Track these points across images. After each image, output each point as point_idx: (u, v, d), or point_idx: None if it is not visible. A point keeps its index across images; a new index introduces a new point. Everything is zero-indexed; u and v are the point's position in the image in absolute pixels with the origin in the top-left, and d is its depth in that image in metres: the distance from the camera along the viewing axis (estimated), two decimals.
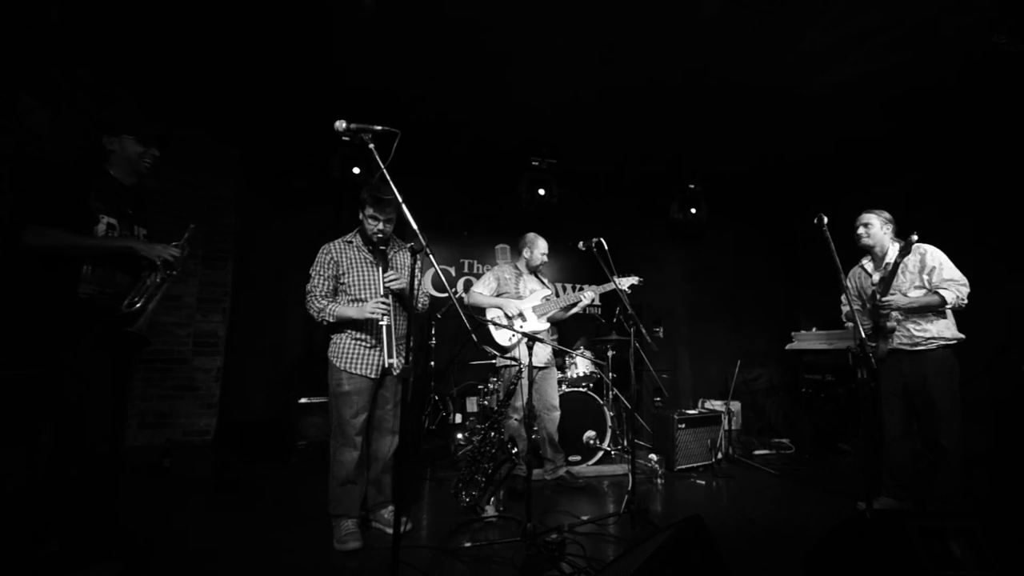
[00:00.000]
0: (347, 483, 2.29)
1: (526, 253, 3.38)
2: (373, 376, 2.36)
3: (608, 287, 3.14)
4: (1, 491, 2.21)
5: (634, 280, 3.28)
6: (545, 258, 3.37)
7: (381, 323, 2.26)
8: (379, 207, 2.35)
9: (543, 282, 3.43)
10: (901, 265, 2.64)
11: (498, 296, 3.28)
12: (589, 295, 3.29)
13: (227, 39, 3.12)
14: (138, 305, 1.98)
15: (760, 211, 5.92)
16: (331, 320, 2.30)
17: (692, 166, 4.95)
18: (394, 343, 2.30)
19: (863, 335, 2.16)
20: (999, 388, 3.61)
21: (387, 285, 2.32)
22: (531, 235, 3.39)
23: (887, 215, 2.82)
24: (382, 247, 2.45)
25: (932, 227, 2.68)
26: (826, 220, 2.19)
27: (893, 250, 2.75)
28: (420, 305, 2.49)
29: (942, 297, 2.57)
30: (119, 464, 2.13)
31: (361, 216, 2.43)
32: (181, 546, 2.26)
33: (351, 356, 2.33)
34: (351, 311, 2.31)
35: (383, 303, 2.26)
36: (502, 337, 3.16)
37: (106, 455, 1.96)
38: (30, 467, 2.39)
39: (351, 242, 2.44)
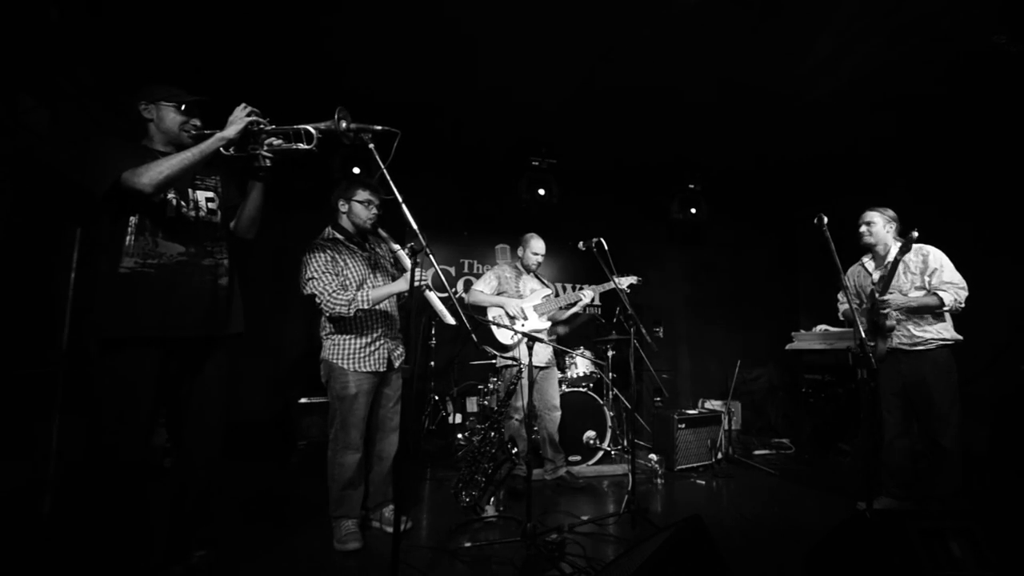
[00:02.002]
0: (349, 486, 2.29)
1: (519, 252, 3.39)
2: (382, 369, 2.35)
3: (608, 286, 3.13)
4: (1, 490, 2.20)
5: (633, 279, 3.27)
6: (538, 258, 3.33)
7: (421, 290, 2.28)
8: (374, 191, 2.35)
9: (543, 282, 3.44)
10: (902, 264, 2.64)
11: (498, 295, 3.28)
12: (589, 294, 3.30)
13: (227, 38, 3.12)
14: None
15: (760, 211, 5.92)
16: (366, 307, 2.23)
17: (692, 166, 4.95)
18: (442, 306, 2.35)
19: (863, 335, 2.16)
20: (999, 388, 3.60)
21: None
22: (527, 235, 3.38)
23: (891, 213, 2.81)
24: (365, 240, 2.45)
25: (931, 227, 2.68)
26: (826, 220, 2.18)
27: (895, 249, 2.74)
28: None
29: (940, 299, 2.57)
30: (202, 479, 1.90)
31: (345, 207, 2.39)
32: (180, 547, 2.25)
33: (359, 355, 2.30)
34: (392, 287, 2.29)
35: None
36: (504, 336, 3.16)
37: (133, 463, 1.73)
38: (37, 468, 2.38)
39: (336, 239, 2.37)
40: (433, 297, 2.43)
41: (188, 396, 1.87)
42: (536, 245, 3.33)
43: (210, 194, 1.93)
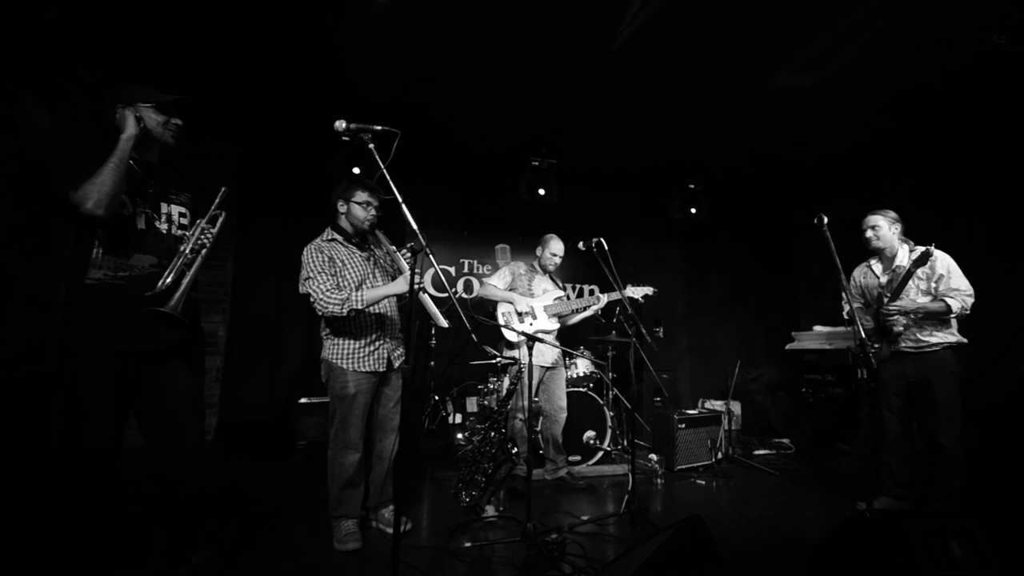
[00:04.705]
0: (349, 486, 2.29)
1: (538, 251, 3.38)
2: (382, 369, 2.35)
3: (621, 295, 3.03)
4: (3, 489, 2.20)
5: (648, 290, 3.25)
6: (556, 259, 3.33)
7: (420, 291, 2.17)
8: (373, 191, 2.35)
9: (556, 283, 3.43)
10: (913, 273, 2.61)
11: (510, 291, 3.28)
12: (604, 299, 3.27)
13: (227, 37, 3.12)
14: (168, 281, 1.70)
15: (760, 211, 5.92)
16: (360, 307, 2.20)
17: (692, 166, 4.95)
18: (435, 309, 2.32)
19: (863, 335, 2.16)
20: (998, 388, 3.60)
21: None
22: (548, 235, 3.38)
23: (893, 214, 2.79)
24: (364, 241, 2.44)
25: (931, 227, 2.69)
26: (826, 220, 2.18)
27: (903, 252, 2.74)
28: None
29: (948, 305, 2.56)
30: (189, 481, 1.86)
31: (343, 208, 2.38)
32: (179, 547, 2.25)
33: (358, 355, 2.30)
34: (389, 288, 2.26)
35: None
36: (512, 333, 3.16)
37: (98, 466, 1.70)
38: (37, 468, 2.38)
39: (334, 240, 2.36)
40: (427, 300, 2.41)
41: (157, 399, 1.82)
42: (555, 246, 3.33)
43: (183, 210, 1.93)
